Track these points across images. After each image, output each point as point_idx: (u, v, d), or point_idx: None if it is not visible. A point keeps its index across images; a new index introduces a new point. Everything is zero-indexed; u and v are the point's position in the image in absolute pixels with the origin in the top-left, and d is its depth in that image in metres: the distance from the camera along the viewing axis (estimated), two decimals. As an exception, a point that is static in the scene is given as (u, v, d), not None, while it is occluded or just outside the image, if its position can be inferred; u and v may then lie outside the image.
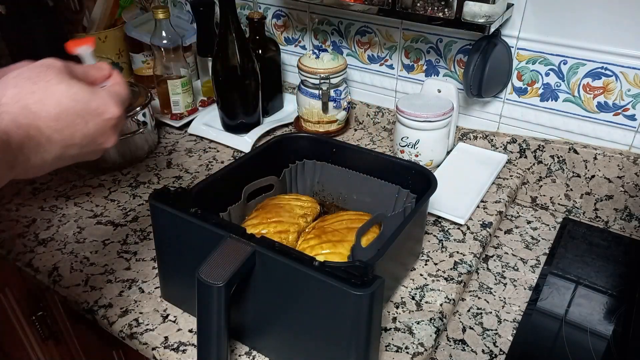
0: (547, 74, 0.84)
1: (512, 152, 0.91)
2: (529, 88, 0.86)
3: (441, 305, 0.67)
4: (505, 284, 0.74)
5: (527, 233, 0.84)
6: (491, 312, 0.70)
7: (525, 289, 0.73)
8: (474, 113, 0.95)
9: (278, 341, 0.58)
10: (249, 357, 0.60)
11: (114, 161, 0.94)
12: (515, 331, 0.67)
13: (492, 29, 0.74)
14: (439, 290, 0.69)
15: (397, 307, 0.67)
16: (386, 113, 1.04)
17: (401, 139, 0.90)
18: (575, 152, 0.84)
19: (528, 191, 0.91)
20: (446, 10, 0.75)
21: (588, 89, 0.81)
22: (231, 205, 0.72)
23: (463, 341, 0.66)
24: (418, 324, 0.64)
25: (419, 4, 0.77)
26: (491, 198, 0.86)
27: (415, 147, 0.89)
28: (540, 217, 0.87)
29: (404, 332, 0.63)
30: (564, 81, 0.83)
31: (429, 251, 0.76)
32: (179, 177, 0.93)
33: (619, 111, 0.80)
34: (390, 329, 0.64)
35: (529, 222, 0.86)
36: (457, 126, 0.96)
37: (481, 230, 0.80)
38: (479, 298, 0.72)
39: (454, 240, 0.78)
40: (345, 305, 0.49)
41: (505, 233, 0.84)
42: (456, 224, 0.81)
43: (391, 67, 1.01)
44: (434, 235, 0.79)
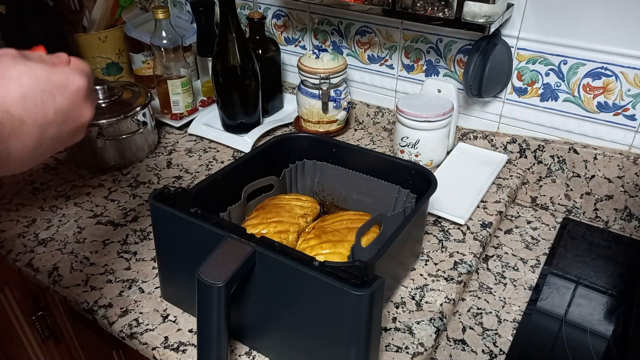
0: (547, 74, 0.84)
1: (512, 152, 0.91)
2: (529, 88, 0.86)
3: (441, 305, 0.67)
4: (505, 284, 0.74)
5: (527, 233, 0.84)
6: (491, 312, 0.70)
7: (525, 289, 0.73)
8: (474, 113, 0.95)
9: (278, 341, 0.58)
10: (249, 357, 0.60)
11: (114, 161, 0.94)
12: (515, 331, 0.67)
13: (492, 29, 0.74)
14: (439, 290, 0.69)
15: (397, 307, 0.67)
16: (386, 113, 1.04)
17: (401, 139, 0.90)
18: (575, 152, 0.84)
19: (528, 191, 0.91)
20: (446, 10, 0.75)
21: (588, 89, 0.81)
22: (231, 205, 0.72)
23: (463, 341, 0.66)
24: (418, 324, 0.64)
25: (419, 4, 0.77)
26: (491, 198, 0.86)
27: (415, 147, 0.89)
28: (540, 217, 0.87)
29: (404, 332, 0.63)
30: (564, 81, 0.83)
31: (429, 251, 0.76)
32: (179, 177, 0.93)
33: (619, 111, 0.80)
34: (390, 329, 0.64)
35: (529, 222, 0.86)
36: (457, 126, 0.96)
37: (481, 230, 0.80)
38: (479, 298, 0.72)
39: (454, 240, 0.78)
40: (345, 305, 0.49)
41: (505, 233, 0.84)
42: (456, 224, 0.81)
43: (391, 67, 1.01)
44: (434, 235, 0.79)
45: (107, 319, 0.65)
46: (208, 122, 1.06)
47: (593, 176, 0.84)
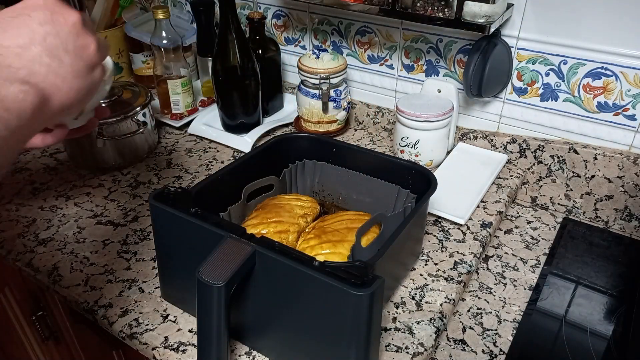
0: (547, 74, 0.84)
1: (512, 152, 0.91)
2: (529, 88, 0.86)
3: (441, 305, 0.67)
4: (505, 284, 0.74)
5: (527, 233, 0.84)
6: (491, 312, 0.70)
7: (525, 289, 0.73)
8: (474, 113, 0.95)
9: (278, 341, 0.58)
10: (249, 357, 0.60)
11: (114, 161, 0.94)
12: (515, 331, 0.67)
13: (492, 29, 0.74)
14: (439, 290, 0.69)
15: (397, 307, 0.67)
16: (386, 113, 1.04)
17: (401, 139, 0.90)
18: (575, 152, 0.84)
19: (528, 191, 0.91)
20: (446, 10, 0.75)
21: (588, 89, 0.81)
22: (231, 205, 0.72)
23: (463, 341, 0.66)
24: (418, 324, 0.64)
25: (419, 4, 0.77)
26: (491, 198, 0.86)
27: (415, 147, 0.89)
28: (540, 217, 0.87)
29: (404, 332, 0.63)
30: (564, 81, 0.83)
31: (429, 251, 0.76)
32: (179, 177, 0.93)
33: (619, 111, 0.80)
34: (390, 329, 0.64)
35: (529, 222, 0.86)
36: (457, 126, 0.96)
37: (481, 230, 0.80)
38: (479, 298, 0.72)
39: (454, 240, 0.78)
40: (345, 305, 0.49)
41: (505, 233, 0.84)
42: (456, 224, 0.81)
43: (391, 67, 1.01)
44: (434, 235, 0.79)
45: (107, 319, 0.65)
46: (208, 122, 1.06)
47: (593, 176, 0.84)
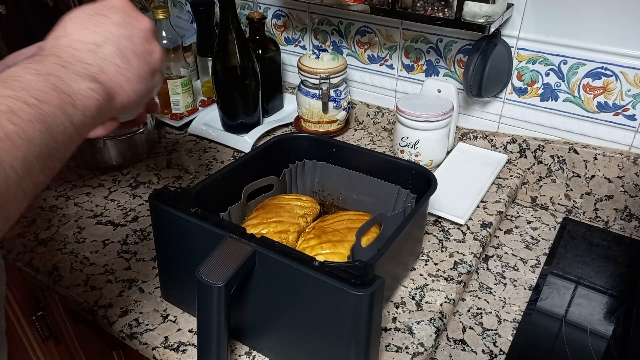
0: (547, 74, 0.84)
1: (512, 152, 0.91)
2: (529, 88, 0.86)
3: (441, 305, 0.67)
4: (505, 284, 0.74)
5: (527, 233, 0.84)
6: (491, 312, 0.70)
7: (525, 289, 0.73)
8: (474, 113, 0.95)
9: (278, 341, 0.58)
10: (249, 357, 0.60)
11: (114, 161, 0.94)
12: (515, 331, 0.67)
13: (492, 29, 0.74)
14: (439, 290, 0.69)
15: (397, 307, 0.67)
16: (386, 113, 1.04)
17: (401, 139, 0.90)
18: (575, 152, 0.84)
19: (528, 191, 0.91)
20: (446, 10, 0.75)
21: (588, 89, 0.81)
22: (231, 205, 0.72)
23: (463, 341, 0.66)
24: (418, 324, 0.64)
25: (419, 4, 0.77)
26: (491, 198, 0.86)
27: (415, 147, 0.89)
28: (540, 217, 0.87)
29: (404, 332, 0.63)
30: (564, 81, 0.83)
31: (429, 251, 0.76)
32: (179, 177, 0.93)
33: (619, 111, 0.80)
34: (390, 329, 0.64)
35: (529, 222, 0.86)
36: (457, 126, 0.96)
37: (481, 230, 0.80)
38: (479, 298, 0.72)
39: (454, 240, 0.78)
40: (345, 305, 0.49)
41: (505, 233, 0.84)
42: (456, 224, 0.81)
43: (391, 67, 1.01)
44: (434, 235, 0.79)
45: (107, 319, 0.65)
46: (208, 122, 1.06)
47: (593, 176, 0.84)
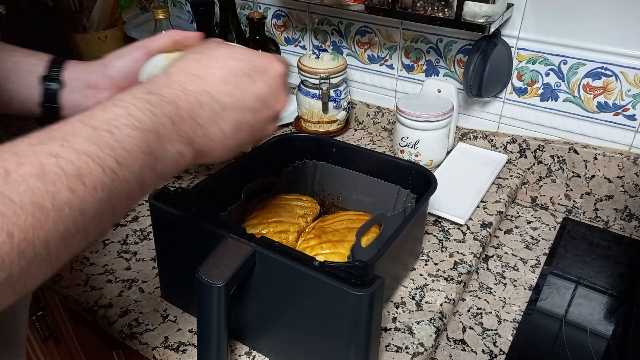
0: (547, 74, 0.84)
1: (512, 152, 0.91)
2: (529, 88, 0.86)
3: (441, 305, 0.67)
4: (505, 284, 0.74)
5: (527, 233, 0.84)
6: (491, 312, 0.70)
7: (525, 289, 0.73)
8: (474, 113, 0.95)
9: (278, 341, 0.58)
10: (249, 357, 0.60)
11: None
12: (515, 331, 0.67)
13: (492, 29, 0.74)
14: (439, 290, 0.69)
15: (397, 307, 0.67)
16: (386, 113, 1.04)
17: (401, 139, 0.90)
18: (575, 152, 0.84)
19: (528, 191, 0.91)
20: (446, 10, 0.75)
21: (588, 89, 0.81)
22: (231, 205, 0.72)
23: (463, 341, 0.66)
24: (418, 324, 0.64)
25: (419, 4, 0.77)
26: (491, 198, 0.86)
27: (415, 147, 0.89)
28: (540, 217, 0.87)
29: (404, 332, 0.63)
30: (564, 81, 0.83)
31: (429, 251, 0.76)
32: (179, 177, 0.93)
33: (619, 111, 0.80)
34: (390, 329, 0.64)
35: (529, 222, 0.86)
36: (457, 126, 0.96)
37: (481, 230, 0.80)
38: (479, 298, 0.72)
39: (454, 240, 0.78)
40: (345, 305, 0.49)
41: (505, 233, 0.84)
42: (456, 224, 0.81)
43: (391, 67, 1.01)
44: (434, 235, 0.79)
45: (107, 319, 0.65)
46: (208, 122, 1.06)
47: (593, 176, 0.84)
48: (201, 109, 0.38)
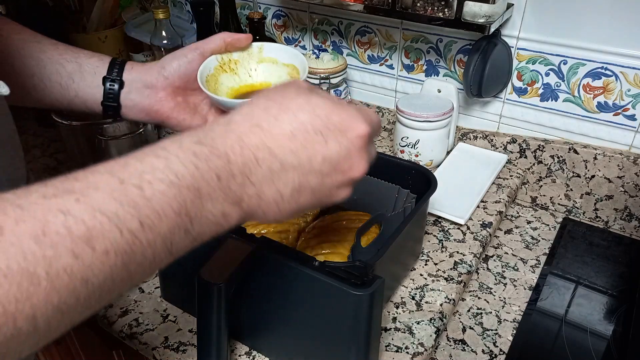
0: (547, 74, 0.84)
1: (512, 152, 0.91)
2: (529, 88, 0.86)
3: (441, 305, 0.67)
4: (505, 284, 0.74)
5: (527, 233, 0.84)
6: (491, 312, 0.70)
7: (525, 289, 0.73)
8: (474, 113, 0.95)
9: (278, 341, 0.58)
10: (249, 357, 0.60)
11: (114, 161, 0.94)
12: (515, 331, 0.67)
13: (492, 29, 0.74)
14: (439, 290, 0.69)
15: (397, 307, 0.67)
16: (386, 113, 1.04)
17: (401, 139, 0.90)
18: (575, 152, 0.84)
19: (528, 191, 0.91)
20: (446, 10, 0.75)
21: (588, 89, 0.81)
22: (231, 205, 0.72)
23: (463, 341, 0.66)
24: (418, 324, 0.64)
25: (419, 4, 0.77)
26: (491, 198, 0.86)
27: (415, 147, 0.89)
28: (540, 217, 0.87)
29: (404, 332, 0.63)
30: (564, 81, 0.83)
31: (429, 251, 0.76)
32: (179, 177, 0.93)
33: (619, 111, 0.80)
34: (390, 329, 0.64)
35: (529, 222, 0.86)
36: (457, 126, 0.96)
37: (481, 230, 0.80)
38: (479, 298, 0.72)
39: (454, 240, 0.78)
40: (345, 305, 0.49)
41: (505, 233, 0.84)
42: (456, 224, 0.81)
43: (391, 67, 1.01)
44: (434, 235, 0.79)
45: (107, 319, 0.65)
46: (208, 122, 1.06)
47: (593, 176, 0.84)
48: (257, 165, 0.34)
